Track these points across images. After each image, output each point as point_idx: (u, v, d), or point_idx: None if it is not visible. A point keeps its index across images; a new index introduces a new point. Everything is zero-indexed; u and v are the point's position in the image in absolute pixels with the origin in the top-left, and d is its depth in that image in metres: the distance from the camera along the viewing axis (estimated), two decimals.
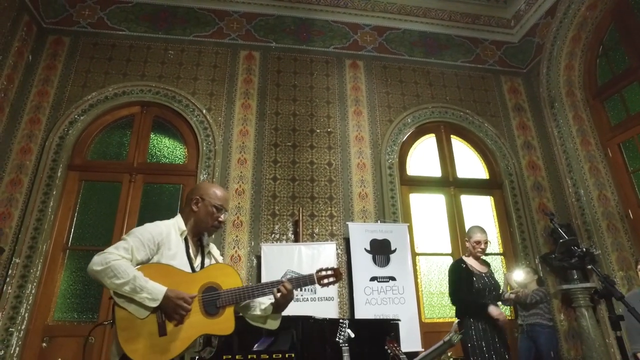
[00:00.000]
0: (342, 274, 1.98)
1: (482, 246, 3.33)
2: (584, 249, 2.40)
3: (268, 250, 4.19)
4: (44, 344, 3.78)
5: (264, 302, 1.90)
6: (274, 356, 2.78)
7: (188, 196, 1.91)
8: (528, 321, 4.15)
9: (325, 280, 1.90)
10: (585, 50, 5.27)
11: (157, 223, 1.81)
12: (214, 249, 1.98)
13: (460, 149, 5.52)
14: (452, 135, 5.53)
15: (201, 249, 1.90)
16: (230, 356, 2.69)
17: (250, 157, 4.78)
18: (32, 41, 4.76)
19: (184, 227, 1.83)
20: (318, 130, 5.08)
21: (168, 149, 4.84)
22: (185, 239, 1.82)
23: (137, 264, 1.64)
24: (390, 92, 5.46)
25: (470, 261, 3.39)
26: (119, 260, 1.59)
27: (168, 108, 4.85)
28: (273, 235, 4.50)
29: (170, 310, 1.60)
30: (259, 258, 4.25)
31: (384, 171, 4.99)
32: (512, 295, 4.15)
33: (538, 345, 4.04)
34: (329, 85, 5.33)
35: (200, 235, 1.91)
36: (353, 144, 5.09)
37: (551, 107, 5.40)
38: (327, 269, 1.92)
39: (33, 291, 3.87)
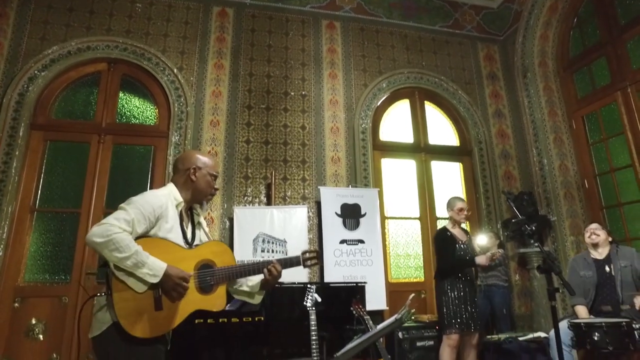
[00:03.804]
0: (323, 257, 2.15)
1: (465, 212, 3.63)
2: (533, 228, 2.58)
3: (240, 213, 4.26)
4: (16, 304, 3.81)
5: (253, 279, 1.95)
6: (244, 319, 2.92)
7: (180, 166, 1.87)
8: (486, 282, 4.46)
9: (309, 262, 2.03)
10: (560, 20, 5.29)
11: (156, 194, 1.76)
12: (202, 220, 1.98)
13: (433, 115, 5.59)
14: (426, 102, 5.57)
15: (192, 220, 1.90)
16: (202, 320, 2.82)
17: (223, 119, 4.71)
18: None
19: (180, 199, 1.80)
20: (292, 93, 5.02)
21: (138, 109, 4.70)
22: (180, 211, 1.81)
23: (136, 237, 1.62)
24: (366, 55, 5.39)
25: (454, 230, 3.63)
26: (120, 233, 1.55)
27: (137, 66, 4.64)
28: (246, 198, 4.55)
29: (169, 288, 1.62)
30: (231, 220, 4.32)
31: (357, 136, 5.03)
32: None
33: (493, 304, 4.38)
34: (304, 47, 5.21)
35: (193, 205, 1.91)
36: (327, 108, 5.07)
37: (524, 77, 5.48)
38: (311, 252, 2.05)
39: (0, 253, 3.84)
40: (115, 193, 4.29)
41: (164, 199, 1.74)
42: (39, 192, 4.18)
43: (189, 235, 1.82)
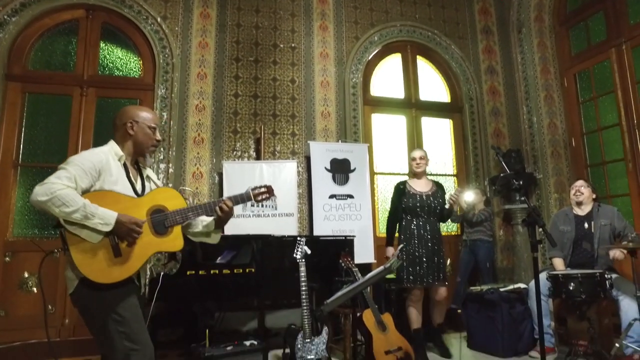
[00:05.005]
0: (274, 191, 2.09)
1: (417, 161, 3.55)
2: (520, 183, 2.63)
3: (230, 168, 4.24)
4: (7, 259, 3.82)
5: (206, 219, 2.02)
6: (235, 271, 2.98)
7: (117, 122, 1.89)
8: (471, 237, 4.58)
9: (260, 197, 2.04)
10: None
11: (94, 151, 1.80)
12: (151, 173, 2.02)
13: (425, 70, 5.50)
14: (418, 56, 5.46)
15: (140, 173, 1.94)
16: (193, 271, 2.87)
17: (211, 71, 4.57)
18: None
19: (121, 153, 1.84)
20: (282, 45, 4.86)
21: (121, 60, 4.51)
22: (124, 164, 1.85)
23: (82, 193, 1.65)
24: (358, 6, 5.19)
25: (412, 182, 3.60)
26: (64, 189, 1.58)
27: (117, 14, 4.40)
28: (235, 152, 4.52)
29: (123, 234, 1.66)
30: (220, 175, 4.30)
31: (348, 90, 4.95)
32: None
33: (477, 257, 4.52)
34: None
35: (137, 158, 1.94)
36: (317, 61, 4.95)
37: (518, 32, 5.37)
38: (261, 187, 2.06)
39: None
40: None
41: (103, 155, 1.78)
42: (21, 146, 4.07)
43: (138, 187, 1.87)
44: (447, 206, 3.42)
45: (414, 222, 3.44)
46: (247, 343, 2.51)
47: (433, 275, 3.32)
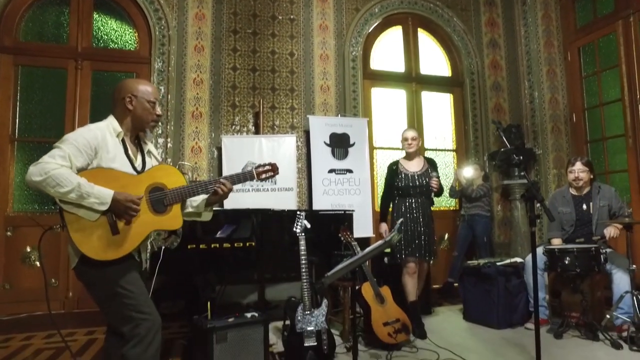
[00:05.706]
0: (279, 169, 2.03)
1: (409, 142, 3.50)
2: (521, 158, 2.62)
3: (229, 142, 4.22)
4: (9, 233, 3.85)
5: (196, 200, 1.98)
6: (235, 244, 3.01)
7: (116, 95, 1.84)
8: (469, 212, 4.61)
9: (264, 175, 1.99)
10: None
11: (90, 127, 1.76)
12: (152, 148, 1.98)
13: (426, 43, 5.40)
14: (419, 29, 5.34)
15: (140, 148, 1.90)
16: (194, 245, 2.89)
17: (208, 44, 4.48)
18: None
19: (119, 129, 1.80)
20: (280, 17, 4.75)
21: (116, 32, 4.40)
22: (123, 140, 1.81)
23: (77, 171, 1.62)
24: None
25: (405, 162, 3.56)
26: (58, 168, 1.55)
27: None
28: (233, 126, 4.49)
29: (120, 212, 1.65)
30: (219, 150, 4.29)
31: (347, 64, 4.88)
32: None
33: (475, 232, 4.57)
34: None
35: (138, 134, 1.90)
36: (317, 34, 4.85)
37: (523, 4, 5.25)
38: (265, 165, 2.01)
39: None
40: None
41: (99, 132, 1.74)
42: (17, 121, 4.04)
43: (138, 163, 1.84)
44: (432, 195, 3.36)
45: (405, 202, 3.45)
46: (248, 315, 2.55)
47: (420, 252, 3.35)
